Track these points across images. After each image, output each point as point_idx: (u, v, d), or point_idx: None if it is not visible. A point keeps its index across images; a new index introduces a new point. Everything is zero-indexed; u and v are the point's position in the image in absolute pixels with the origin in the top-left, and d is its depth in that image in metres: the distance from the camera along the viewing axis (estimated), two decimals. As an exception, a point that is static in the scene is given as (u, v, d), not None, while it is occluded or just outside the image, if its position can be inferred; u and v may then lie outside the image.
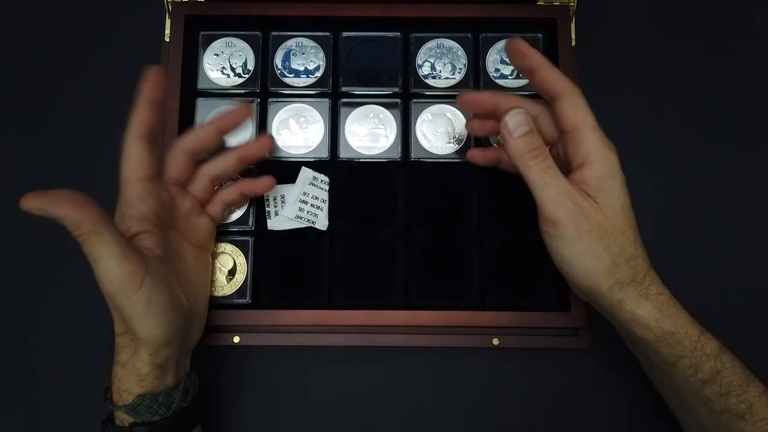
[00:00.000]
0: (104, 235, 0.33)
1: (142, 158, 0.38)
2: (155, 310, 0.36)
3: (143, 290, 0.35)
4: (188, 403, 0.40)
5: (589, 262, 0.37)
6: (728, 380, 0.37)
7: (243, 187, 0.44)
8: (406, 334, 0.46)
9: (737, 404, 0.37)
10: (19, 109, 0.51)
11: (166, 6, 0.49)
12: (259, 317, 0.44)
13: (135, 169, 0.38)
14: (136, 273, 0.34)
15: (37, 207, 0.32)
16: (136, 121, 0.39)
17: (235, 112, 0.43)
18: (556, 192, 0.37)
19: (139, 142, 0.38)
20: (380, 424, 0.47)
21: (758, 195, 0.51)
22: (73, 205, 0.32)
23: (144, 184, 0.38)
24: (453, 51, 0.51)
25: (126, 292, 0.34)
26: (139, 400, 0.37)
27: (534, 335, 0.46)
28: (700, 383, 0.37)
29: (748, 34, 0.53)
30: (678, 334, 0.37)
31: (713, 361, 0.37)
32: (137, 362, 0.37)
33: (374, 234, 0.48)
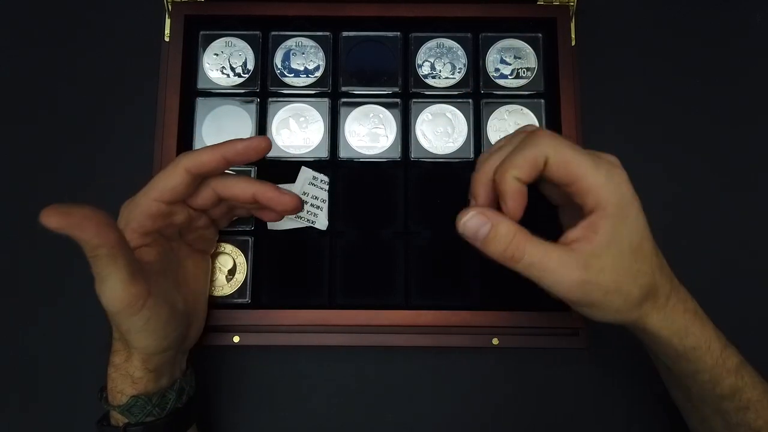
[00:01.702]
0: (117, 259, 0.32)
1: (176, 188, 0.37)
2: (153, 327, 0.36)
3: (144, 312, 0.35)
4: (183, 404, 0.40)
5: (611, 315, 0.35)
6: (747, 396, 0.37)
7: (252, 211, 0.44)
8: (406, 334, 0.46)
9: (755, 419, 0.36)
10: (19, 108, 0.51)
11: (166, 6, 0.49)
12: (259, 317, 0.44)
13: (162, 191, 0.37)
14: (139, 296, 0.34)
15: (58, 226, 0.31)
16: (201, 158, 0.37)
17: (249, 147, 0.38)
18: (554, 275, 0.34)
19: (186, 174, 0.37)
20: (380, 424, 0.47)
21: (758, 194, 0.51)
22: (96, 229, 0.31)
23: (161, 207, 0.38)
24: (453, 51, 0.51)
25: (126, 313, 0.34)
26: (132, 401, 0.37)
27: (534, 335, 0.46)
28: (718, 398, 0.37)
29: (748, 34, 0.53)
30: (699, 350, 0.36)
31: (733, 377, 0.37)
32: (130, 367, 0.37)
33: (374, 234, 0.48)
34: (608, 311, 0.35)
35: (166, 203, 0.38)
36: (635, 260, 0.35)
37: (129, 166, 0.50)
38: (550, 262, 0.34)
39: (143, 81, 0.51)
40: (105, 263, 0.32)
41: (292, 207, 0.40)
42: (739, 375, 0.37)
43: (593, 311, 0.36)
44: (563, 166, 0.34)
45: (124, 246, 0.33)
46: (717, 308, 0.39)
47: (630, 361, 0.47)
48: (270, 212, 0.41)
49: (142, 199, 0.37)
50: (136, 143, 0.50)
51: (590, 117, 0.50)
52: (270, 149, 0.39)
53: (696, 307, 0.37)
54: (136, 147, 0.50)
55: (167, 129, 0.47)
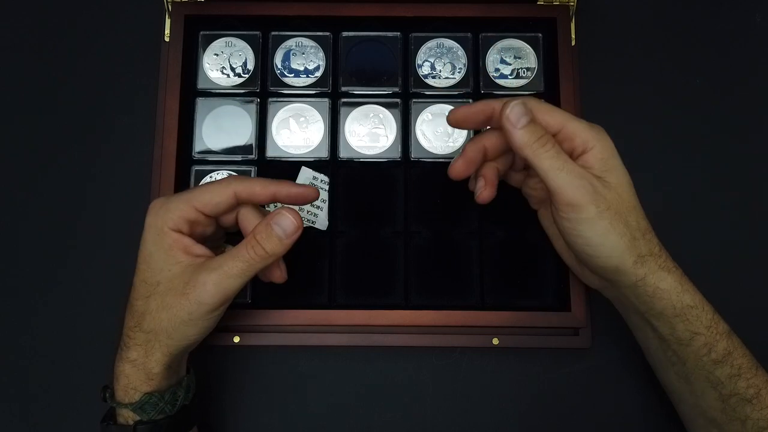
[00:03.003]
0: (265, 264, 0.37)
1: (220, 205, 0.38)
2: (206, 327, 0.38)
3: (221, 309, 0.37)
4: (190, 400, 0.40)
5: (613, 239, 0.37)
6: (739, 362, 0.37)
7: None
8: (406, 334, 0.46)
9: (746, 388, 0.37)
10: (19, 108, 0.51)
11: (166, 6, 0.49)
12: (259, 317, 0.44)
13: (207, 206, 0.38)
14: (232, 298, 0.37)
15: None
16: (254, 189, 0.38)
17: (301, 194, 0.39)
18: (570, 175, 0.36)
19: (233, 197, 0.38)
20: (380, 424, 0.47)
21: (759, 193, 0.51)
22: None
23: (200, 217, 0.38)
24: (453, 51, 0.51)
25: (213, 308, 0.36)
26: (146, 398, 0.37)
27: (534, 335, 0.46)
28: (712, 363, 0.37)
29: (748, 34, 0.53)
30: (696, 309, 0.38)
31: (725, 340, 0.38)
32: (149, 362, 0.37)
33: (374, 234, 0.48)
34: (614, 249, 0.37)
35: (205, 215, 0.38)
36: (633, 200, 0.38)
37: (129, 166, 0.50)
38: (568, 164, 0.37)
39: (143, 81, 0.51)
40: (261, 266, 0.37)
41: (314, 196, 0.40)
42: (730, 339, 0.38)
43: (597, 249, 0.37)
44: (544, 112, 0.38)
45: None
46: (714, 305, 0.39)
47: (630, 361, 0.47)
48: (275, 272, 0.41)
49: (183, 204, 0.38)
50: (136, 143, 0.50)
51: (590, 117, 0.50)
52: (317, 199, 0.41)
53: (682, 271, 0.39)
54: (136, 147, 0.50)
55: (167, 129, 0.47)
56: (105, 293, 0.47)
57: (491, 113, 0.40)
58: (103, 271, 0.48)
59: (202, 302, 0.36)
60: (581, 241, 0.38)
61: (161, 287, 0.37)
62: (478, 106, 0.40)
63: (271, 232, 0.36)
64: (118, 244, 0.48)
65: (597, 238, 0.37)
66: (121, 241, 0.47)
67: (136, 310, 0.37)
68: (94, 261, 0.48)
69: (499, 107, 0.39)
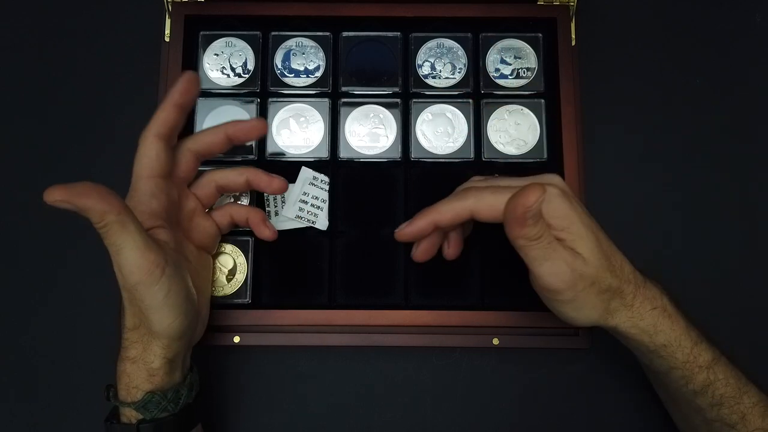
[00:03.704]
0: (128, 225, 0.33)
1: (158, 156, 0.39)
2: (173, 301, 0.36)
3: (163, 280, 0.35)
4: (193, 399, 0.40)
5: (587, 312, 0.38)
6: (720, 392, 0.38)
7: (251, 218, 0.44)
8: (406, 334, 0.46)
9: (729, 414, 0.37)
10: (19, 108, 0.51)
11: (166, 6, 0.49)
12: (259, 317, 0.44)
13: (149, 167, 0.38)
14: (158, 263, 0.35)
15: (62, 199, 0.32)
16: (159, 119, 0.39)
17: (249, 125, 0.41)
18: (554, 265, 0.36)
19: (158, 141, 0.39)
20: (380, 424, 0.47)
21: (759, 193, 0.51)
22: (98, 196, 0.32)
23: (156, 181, 0.39)
24: (453, 51, 0.51)
25: (147, 282, 0.35)
26: (149, 396, 0.37)
27: (534, 335, 0.46)
28: (691, 393, 0.38)
29: (748, 34, 0.53)
30: (670, 347, 0.38)
31: (705, 373, 0.38)
32: (149, 357, 0.37)
33: (374, 234, 0.48)
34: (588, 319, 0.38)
35: (159, 177, 0.39)
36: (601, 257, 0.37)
37: (129, 166, 0.49)
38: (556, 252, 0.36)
39: (143, 81, 0.51)
40: (117, 231, 0.33)
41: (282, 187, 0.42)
42: (711, 371, 0.38)
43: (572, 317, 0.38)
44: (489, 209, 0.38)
45: (131, 213, 0.34)
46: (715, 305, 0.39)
47: (630, 361, 0.47)
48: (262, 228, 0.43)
49: (138, 182, 0.39)
50: (136, 143, 0.50)
51: (590, 117, 0.50)
52: (265, 131, 0.42)
53: (666, 305, 0.38)
54: (136, 147, 0.50)
55: (167, 129, 0.47)
56: (105, 293, 0.47)
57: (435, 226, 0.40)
58: (103, 271, 0.48)
59: (124, 284, 0.35)
60: (557, 313, 0.39)
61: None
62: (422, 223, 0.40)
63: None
64: (118, 244, 0.48)
65: (572, 313, 0.38)
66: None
67: (126, 308, 0.37)
68: (94, 261, 0.48)
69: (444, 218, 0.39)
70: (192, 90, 0.40)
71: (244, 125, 0.41)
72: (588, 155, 0.49)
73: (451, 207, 0.39)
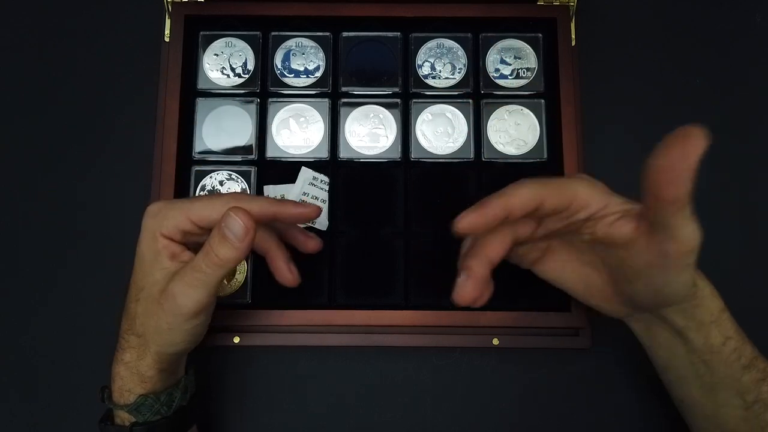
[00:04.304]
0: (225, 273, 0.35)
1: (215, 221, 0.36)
2: (195, 334, 0.37)
3: (201, 317, 0.36)
4: (187, 401, 0.40)
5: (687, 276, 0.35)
6: (763, 365, 0.37)
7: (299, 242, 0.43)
8: (406, 334, 0.46)
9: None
10: (19, 108, 0.51)
11: (166, 6, 0.49)
12: (259, 317, 0.44)
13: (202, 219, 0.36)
14: (209, 305, 0.36)
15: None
16: (253, 209, 0.35)
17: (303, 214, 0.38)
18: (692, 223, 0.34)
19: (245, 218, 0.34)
20: (380, 424, 0.47)
21: (759, 193, 0.51)
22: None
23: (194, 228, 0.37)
24: (453, 51, 0.51)
25: (191, 319, 0.36)
26: (141, 399, 0.37)
27: (534, 335, 0.46)
28: (741, 369, 0.37)
29: (748, 34, 0.53)
30: (726, 312, 0.37)
31: (749, 344, 0.38)
32: (142, 365, 0.37)
33: (374, 234, 0.48)
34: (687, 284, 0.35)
35: (200, 228, 0.37)
36: None
37: (129, 166, 0.50)
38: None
39: (143, 81, 0.51)
40: (221, 274, 0.35)
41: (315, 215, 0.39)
42: (751, 343, 0.38)
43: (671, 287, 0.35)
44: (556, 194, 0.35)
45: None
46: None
47: (631, 361, 0.47)
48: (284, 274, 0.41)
49: (180, 214, 0.37)
50: (136, 143, 0.50)
51: (590, 117, 0.50)
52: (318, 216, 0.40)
53: None
54: (136, 147, 0.50)
55: (167, 129, 0.47)
56: (105, 293, 0.47)
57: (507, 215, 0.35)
58: (102, 272, 0.48)
59: (176, 313, 0.35)
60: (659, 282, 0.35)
61: (145, 292, 0.37)
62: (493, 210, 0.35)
63: (224, 238, 0.34)
64: (117, 244, 0.48)
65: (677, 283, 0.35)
66: (121, 242, 0.47)
67: (129, 313, 0.37)
68: (94, 261, 0.48)
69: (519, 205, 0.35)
70: (302, 221, 0.39)
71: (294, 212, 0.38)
72: (588, 155, 0.49)
73: (520, 192, 0.34)
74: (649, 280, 0.35)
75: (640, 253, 0.35)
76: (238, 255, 0.34)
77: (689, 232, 0.33)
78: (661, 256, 0.34)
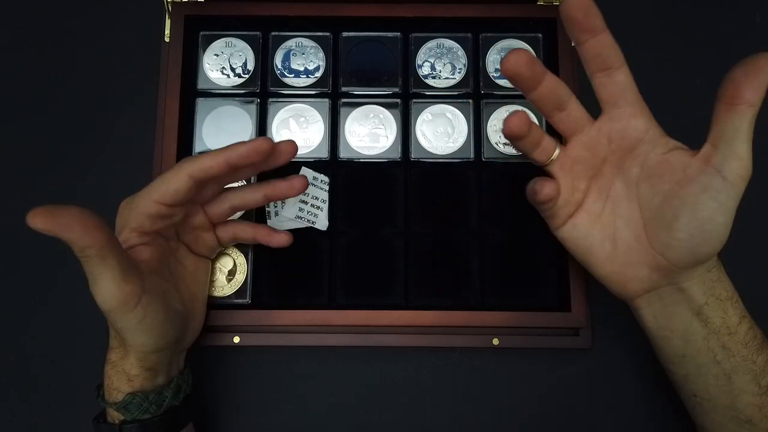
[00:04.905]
0: (107, 259, 0.33)
1: (179, 193, 0.37)
2: (148, 326, 0.36)
3: (138, 309, 0.35)
4: (180, 401, 0.40)
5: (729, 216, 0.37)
6: None
7: (258, 235, 0.44)
8: (406, 334, 0.46)
9: None
10: (19, 108, 0.51)
11: (166, 6, 0.49)
12: (259, 317, 0.44)
13: (161, 194, 0.37)
14: (132, 294, 0.34)
15: (45, 228, 0.30)
16: (205, 164, 0.37)
17: (248, 149, 0.37)
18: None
19: (189, 180, 0.37)
20: (380, 424, 0.47)
21: (758, 193, 0.51)
22: (83, 229, 0.31)
23: (161, 209, 0.37)
24: (453, 51, 0.51)
25: (121, 311, 0.34)
26: (129, 398, 0.37)
27: (534, 335, 0.46)
28: (756, 350, 0.38)
29: (748, 34, 0.53)
30: (737, 293, 0.39)
31: (759, 327, 0.39)
32: (126, 365, 0.37)
33: (374, 234, 0.48)
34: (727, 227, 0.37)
35: (167, 206, 0.37)
36: None
37: (129, 166, 0.50)
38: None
39: (143, 81, 0.51)
40: (95, 263, 0.32)
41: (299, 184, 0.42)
42: (759, 327, 0.39)
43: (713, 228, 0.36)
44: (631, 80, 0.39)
45: (114, 245, 0.33)
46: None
47: (631, 361, 0.47)
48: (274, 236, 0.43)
49: (143, 200, 0.37)
50: (136, 143, 0.50)
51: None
52: (272, 150, 0.38)
53: None
54: (136, 147, 0.50)
55: (167, 129, 0.47)
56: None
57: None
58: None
59: (105, 310, 0.35)
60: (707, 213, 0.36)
61: None
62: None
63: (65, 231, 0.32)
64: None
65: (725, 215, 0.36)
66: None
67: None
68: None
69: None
70: (255, 158, 0.37)
71: (243, 150, 0.37)
72: (588, 155, 0.49)
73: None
74: (696, 211, 0.36)
75: (693, 179, 0.36)
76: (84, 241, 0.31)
77: (748, 150, 0.35)
78: (719, 175, 0.35)
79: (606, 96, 0.39)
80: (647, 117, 0.39)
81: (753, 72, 0.36)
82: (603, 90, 0.39)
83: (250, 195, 0.42)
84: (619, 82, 0.38)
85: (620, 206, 0.39)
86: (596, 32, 0.37)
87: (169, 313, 0.37)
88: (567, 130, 0.40)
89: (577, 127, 0.40)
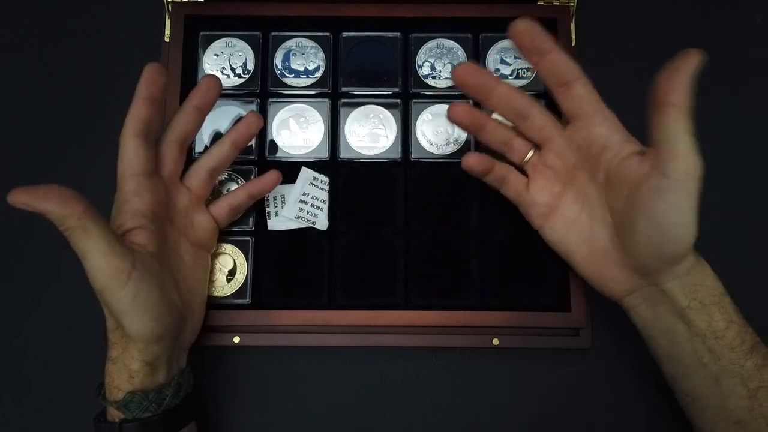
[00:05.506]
0: (90, 230, 0.33)
1: (138, 154, 0.38)
2: (142, 306, 0.36)
3: (130, 285, 0.35)
4: (180, 400, 0.39)
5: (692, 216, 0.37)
6: (764, 351, 0.38)
7: (250, 188, 0.44)
8: (406, 334, 0.46)
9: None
10: (19, 108, 0.51)
11: (166, 6, 0.49)
12: (259, 317, 0.44)
13: (130, 165, 0.38)
14: (123, 268, 0.34)
15: (23, 202, 0.32)
16: (132, 117, 0.38)
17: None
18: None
19: (134, 138, 0.38)
20: (380, 424, 0.47)
21: (758, 193, 0.51)
22: (59, 199, 0.32)
23: (139, 180, 0.38)
24: (453, 51, 0.51)
25: (112, 287, 0.35)
26: (129, 396, 0.37)
27: (534, 335, 0.46)
28: (744, 355, 0.37)
29: (748, 34, 0.53)
30: (727, 295, 0.38)
31: (751, 330, 0.38)
32: (127, 359, 0.37)
33: (374, 234, 0.48)
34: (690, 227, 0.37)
35: (142, 175, 0.38)
36: None
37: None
38: None
39: (143, 81, 0.51)
40: (79, 236, 0.33)
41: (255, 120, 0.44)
42: (751, 329, 0.38)
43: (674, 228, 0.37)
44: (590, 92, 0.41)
45: (95, 216, 0.34)
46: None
47: (631, 361, 0.47)
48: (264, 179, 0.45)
49: (119, 181, 0.38)
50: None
51: (590, 117, 0.50)
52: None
53: None
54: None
55: (167, 129, 0.47)
56: (105, 293, 0.47)
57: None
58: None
59: (98, 291, 0.35)
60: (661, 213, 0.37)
61: None
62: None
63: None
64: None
65: (679, 215, 0.37)
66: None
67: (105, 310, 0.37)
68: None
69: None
70: (158, 80, 0.39)
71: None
72: (588, 155, 0.49)
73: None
74: (650, 213, 0.37)
75: (644, 182, 0.37)
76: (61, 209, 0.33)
77: (689, 148, 0.36)
78: (664, 175, 0.36)
79: (568, 107, 0.41)
80: (610, 125, 0.41)
81: (673, 74, 0.37)
82: (564, 103, 0.41)
83: (216, 150, 0.43)
84: (577, 95, 0.40)
85: (595, 211, 0.41)
86: (545, 53, 0.39)
87: (163, 294, 0.37)
88: (536, 138, 0.43)
89: (544, 135, 0.42)
